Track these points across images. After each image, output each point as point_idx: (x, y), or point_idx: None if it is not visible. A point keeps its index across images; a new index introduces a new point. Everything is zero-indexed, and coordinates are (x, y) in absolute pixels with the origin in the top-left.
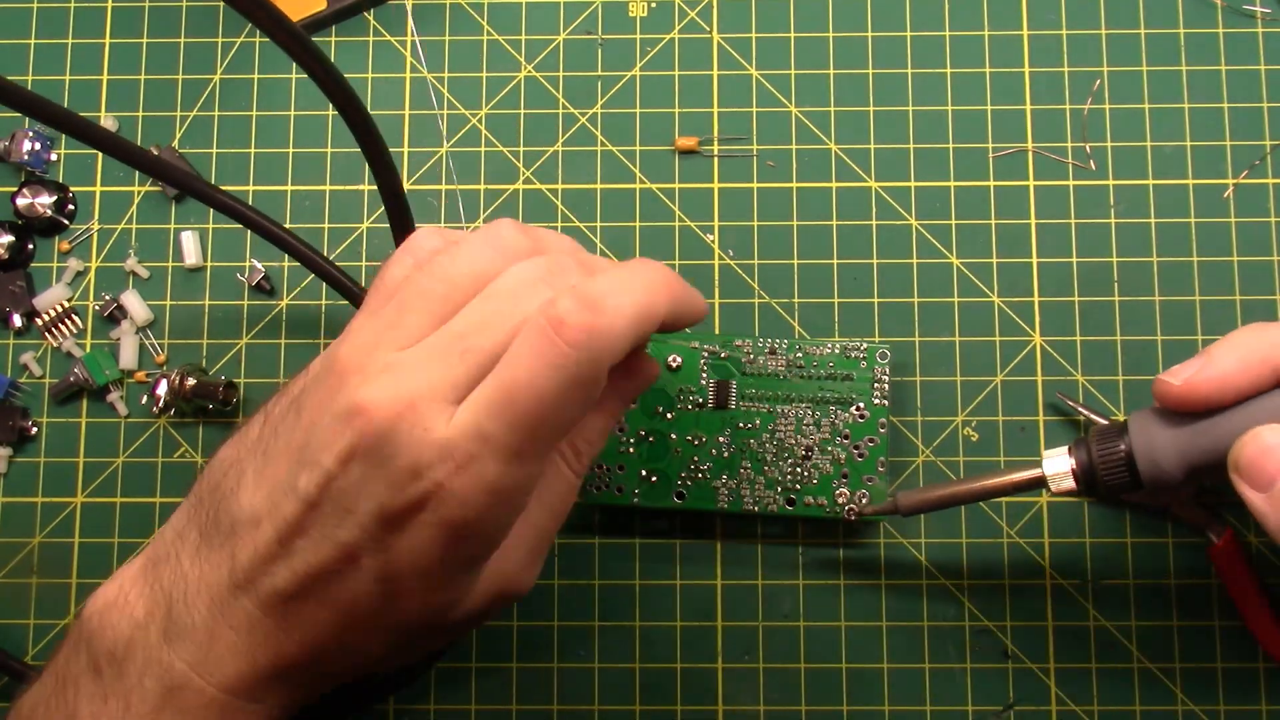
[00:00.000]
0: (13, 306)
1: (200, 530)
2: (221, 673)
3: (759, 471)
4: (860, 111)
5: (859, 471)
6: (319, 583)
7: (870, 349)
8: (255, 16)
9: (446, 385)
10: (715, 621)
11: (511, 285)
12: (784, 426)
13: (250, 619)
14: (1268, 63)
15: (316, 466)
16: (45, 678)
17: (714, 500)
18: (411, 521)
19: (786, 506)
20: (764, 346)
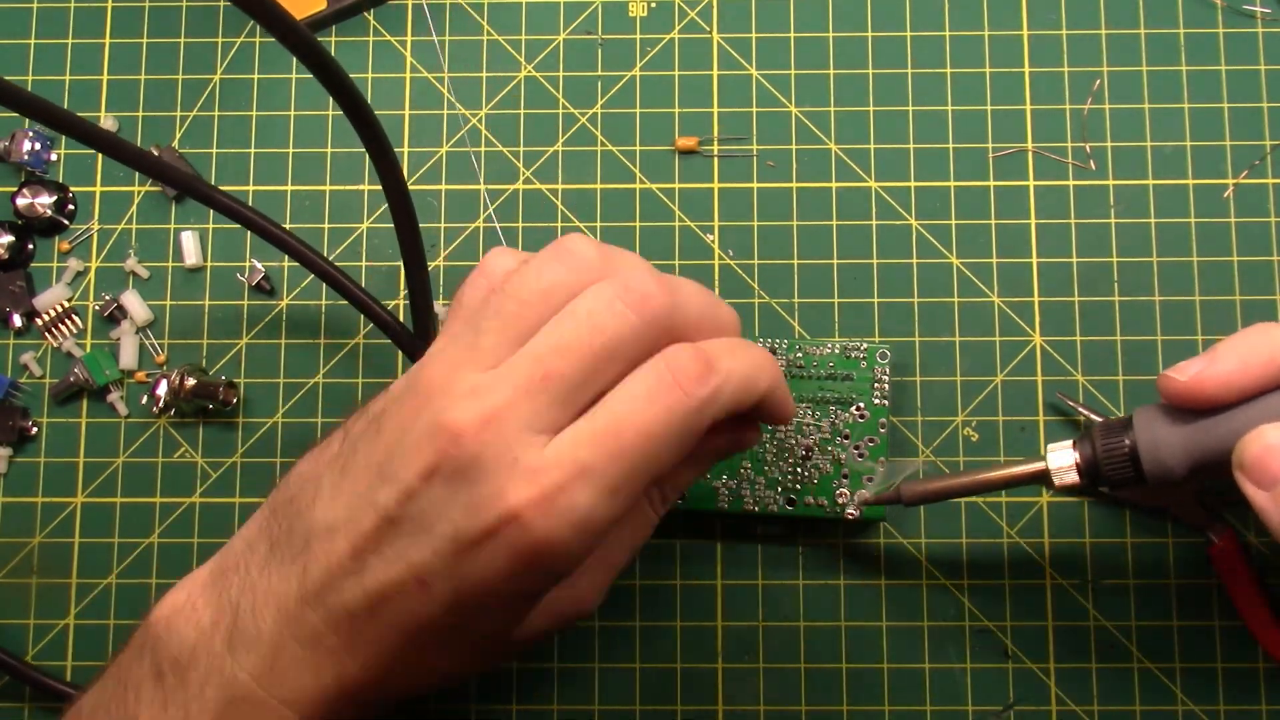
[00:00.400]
0: (13, 306)
1: (272, 542)
2: (283, 686)
3: (759, 471)
4: (860, 111)
5: (859, 471)
6: (387, 602)
7: (870, 349)
8: (258, 16)
9: (531, 411)
10: (715, 621)
11: (588, 306)
12: (784, 426)
13: (316, 634)
14: (1268, 63)
15: (397, 482)
16: (106, 680)
17: (714, 500)
18: (486, 546)
19: (786, 506)
20: (764, 346)
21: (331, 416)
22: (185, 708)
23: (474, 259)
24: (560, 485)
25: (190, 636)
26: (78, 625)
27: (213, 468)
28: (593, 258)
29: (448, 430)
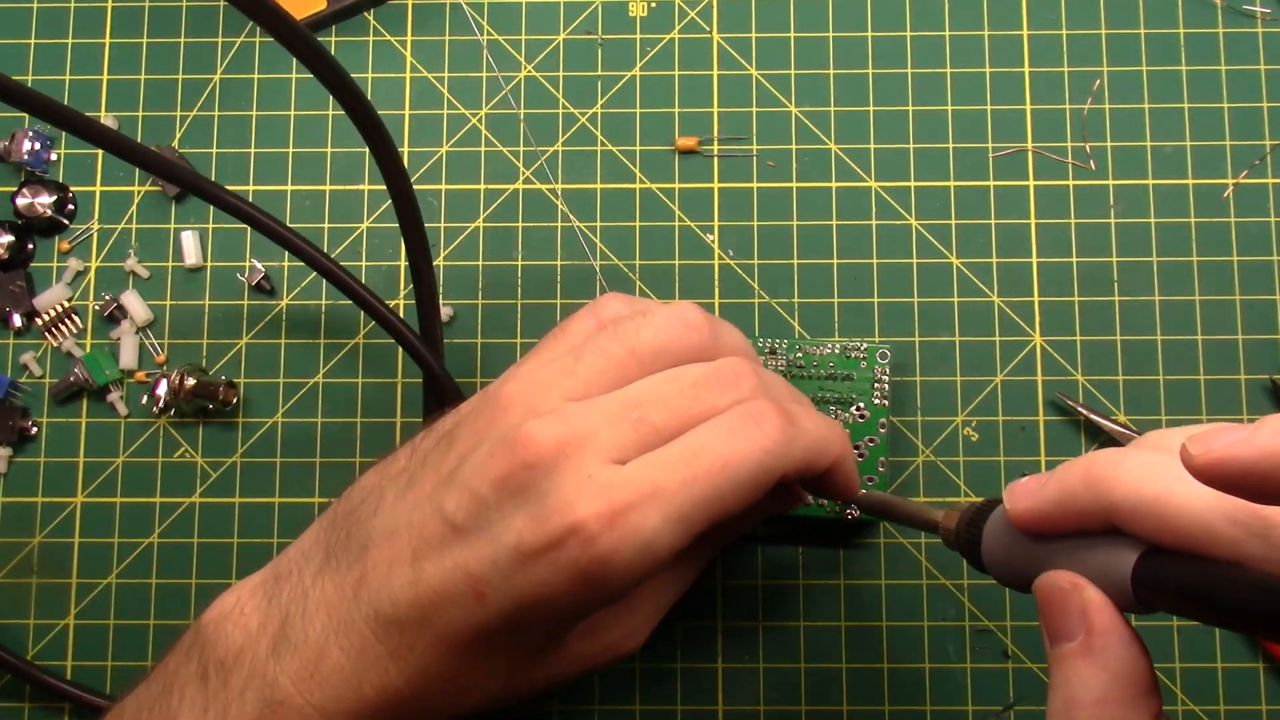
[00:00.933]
0: (13, 306)
1: (328, 551)
2: (323, 694)
3: None
4: (860, 111)
5: (859, 471)
6: (439, 609)
7: (870, 349)
8: (259, 17)
9: (615, 443)
10: (715, 621)
11: (697, 377)
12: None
13: (363, 642)
14: (1268, 63)
15: (466, 489)
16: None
17: None
18: (547, 557)
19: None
20: (764, 346)
21: (331, 416)
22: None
23: (474, 259)
24: (631, 503)
25: (238, 640)
26: (78, 625)
27: (213, 468)
28: (706, 334)
29: (526, 442)
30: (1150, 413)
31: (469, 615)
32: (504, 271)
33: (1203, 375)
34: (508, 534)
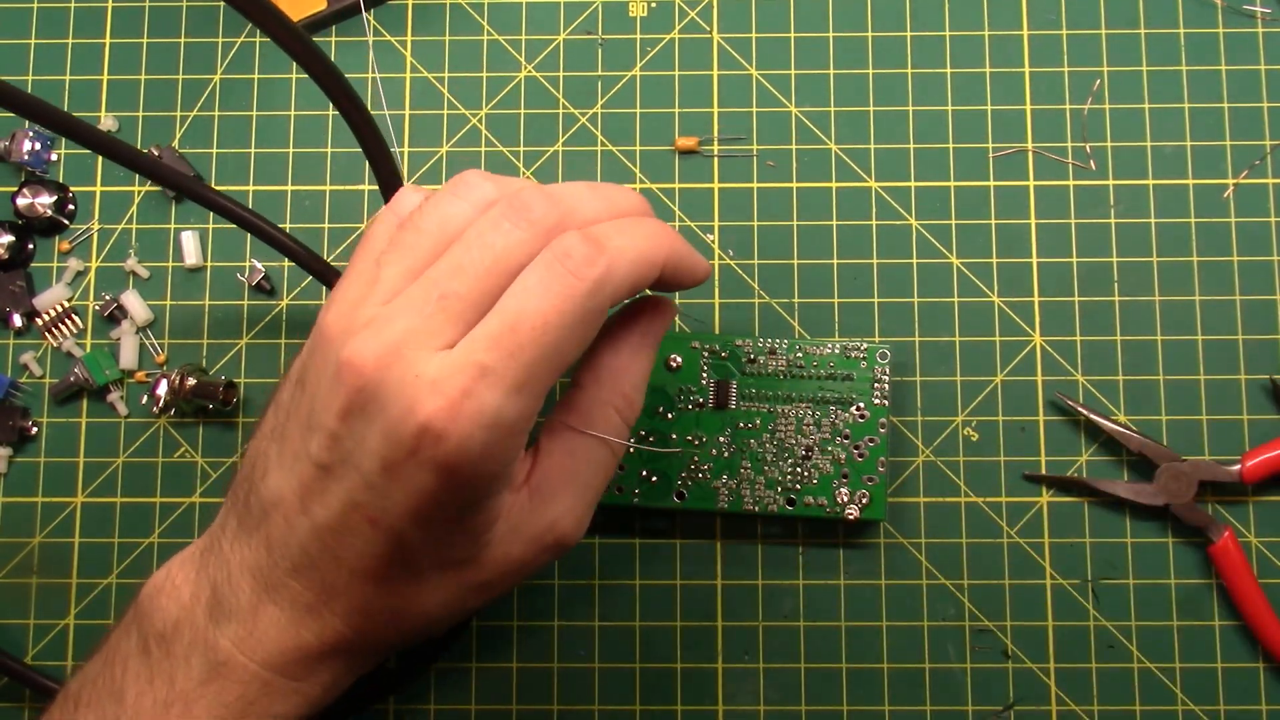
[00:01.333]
0: (13, 306)
1: (238, 518)
2: (264, 650)
3: (759, 471)
4: (860, 111)
5: (859, 471)
6: (341, 543)
7: (870, 349)
8: (255, 17)
9: (428, 331)
10: (715, 621)
11: (478, 229)
12: (784, 426)
13: (292, 594)
14: (1268, 63)
15: (321, 429)
16: (96, 658)
17: (714, 500)
18: (410, 465)
19: (786, 506)
20: (764, 346)
21: None
22: (170, 676)
23: None
24: (465, 390)
25: (173, 611)
26: (78, 625)
27: (213, 468)
28: (489, 189)
29: (351, 367)
30: (1150, 413)
31: (371, 543)
32: None
33: (1203, 375)
34: (369, 459)
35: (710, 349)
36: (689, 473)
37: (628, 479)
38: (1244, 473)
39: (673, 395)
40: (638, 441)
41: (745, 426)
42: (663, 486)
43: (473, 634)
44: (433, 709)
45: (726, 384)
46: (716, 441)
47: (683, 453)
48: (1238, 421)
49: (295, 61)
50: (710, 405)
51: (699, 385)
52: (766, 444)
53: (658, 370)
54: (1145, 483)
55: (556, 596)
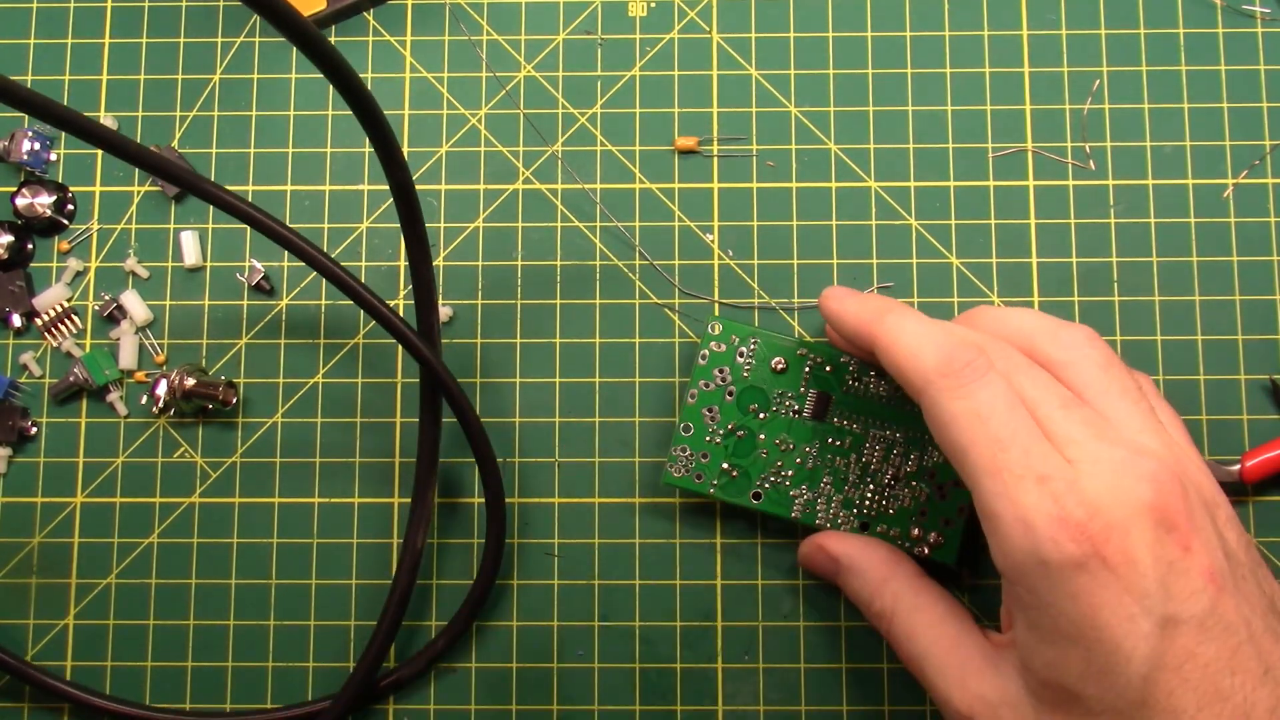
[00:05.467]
0: (12, 306)
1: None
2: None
3: (839, 490)
4: (860, 111)
5: (938, 512)
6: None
7: None
8: (266, 14)
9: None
10: (715, 621)
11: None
12: (873, 452)
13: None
14: (1268, 63)
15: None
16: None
17: (789, 508)
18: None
19: (860, 530)
20: (870, 368)
21: (331, 416)
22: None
23: (474, 259)
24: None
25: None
26: (78, 625)
27: (212, 468)
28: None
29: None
30: None
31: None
32: (504, 271)
33: (1203, 375)
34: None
35: (815, 359)
36: (769, 475)
37: (709, 468)
38: (1244, 473)
39: (770, 396)
40: (725, 435)
41: (834, 443)
42: (742, 483)
43: (472, 634)
44: (432, 709)
45: (826, 396)
46: (803, 451)
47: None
48: (1238, 421)
49: (315, 64)
50: (807, 415)
51: (798, 392)
52: (852, 464)
53: (762, 369)
54: None
55: (556, 596)
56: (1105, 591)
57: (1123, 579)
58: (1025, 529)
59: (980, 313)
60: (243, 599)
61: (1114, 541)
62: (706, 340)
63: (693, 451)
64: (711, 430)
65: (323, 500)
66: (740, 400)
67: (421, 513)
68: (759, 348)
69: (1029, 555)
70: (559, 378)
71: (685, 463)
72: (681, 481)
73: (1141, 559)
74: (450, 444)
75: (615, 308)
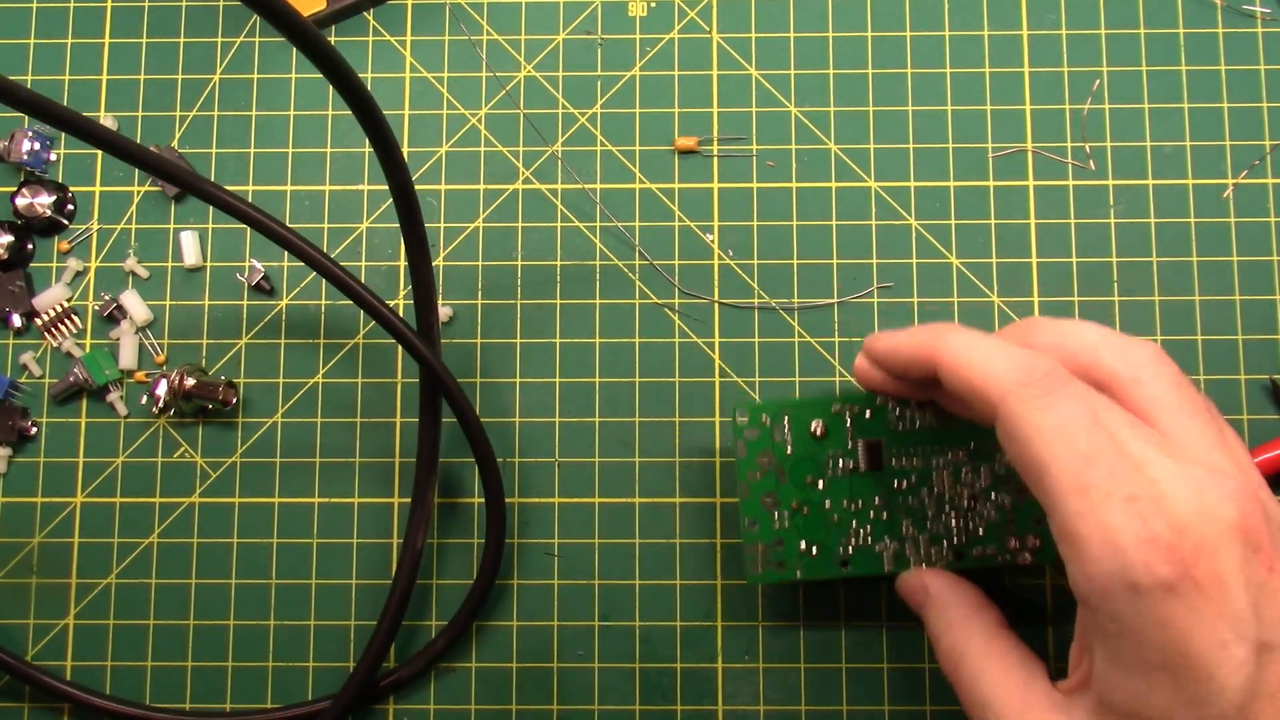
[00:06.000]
0: (12, 306)
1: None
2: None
3: (922, 529)
4: (860, 111)
5: (1026, 515)
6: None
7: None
8: (266, 14)
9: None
10: (715, 621)
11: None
12: (942, 480)
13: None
14: (1268, 63)
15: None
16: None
17: (881, 564)
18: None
19: (955, 561)
20: (908, 403)
21: (331, 416)
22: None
23: (474, 259)
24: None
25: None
26: (77, 625)
27: (212, 468)
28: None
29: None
30: None
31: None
32: (504, 271)
33: (1203, 375)
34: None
35: (852, 411)
36: (848, 538)
37: (788, 554)
38: None
39: (821, 463)
40: (790, 516)
41: (901, 485)
42: (824, 557)
43: (472, 634)
44: (432, 709)
45: (877, 443)
46: (874, 504)
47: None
48: (1238, 421)
49: (314, 63)
50: (863, 468)
51: (847, 449)
52: (926, 500)
53: (803, 438)
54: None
55: (556, 596)
56: (1196, 616)
57: (1214, 603)
58: (1114, 551)
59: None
60: (243, 599)
61: (1204, 563)
62: (739, 431)
63: (766, 544)
64: (778, 516)
65: (323, 500)
66: (793, 476)
67: (421, 513)
68: (792, 419)
69: (1116, 579)
70: (559, 378)
71: (764, 556)
72: (766, 577)
73: (1232, 581)
74: (450, 444)
75: (615, 308)
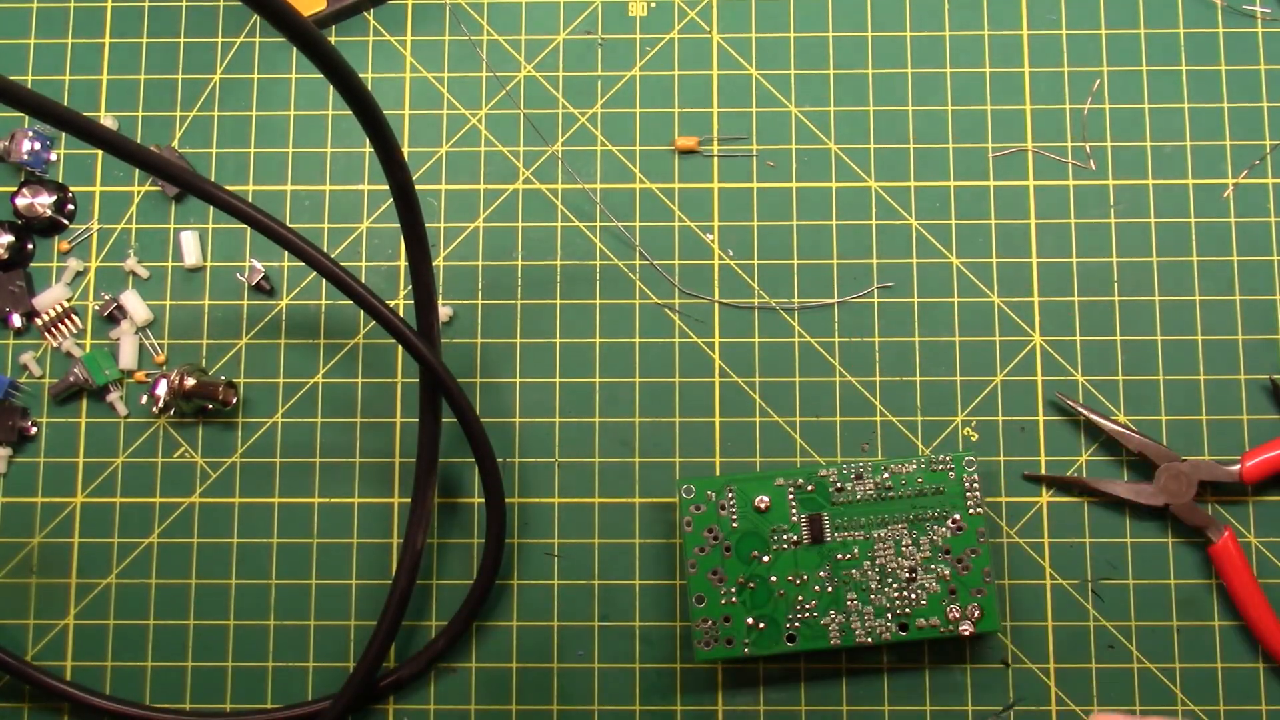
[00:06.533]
0: (12, 306)
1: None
2: None
3: (866, 601)
4: (860, 111)
5: (967, 586)
6: None
7: (956, 458)
8: (266, 14)
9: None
10: None
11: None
12: (884, 551)
13: None
14: (1268, 63)
15: None
16: None
17: (826, 638)
18: None
19: (900, 633)
20: (849, 472)
21: (331, 416)
22: None
23: (474, 259)
24: None
25: None
26: (77, 625)
27: (212, 468)
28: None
29: None
30: (1150, 413)
31: None
32: (504, 271)
33: (1203, 375)
34: None
35: (795, 484)
36: (795, 613)
37: (735, 630)
38: (1244, 473)
39: (765, 537)
40: (737, 591)
41: (844, 558)
42: (772, 631)
43: (472, 634)
44: (432, 709)
45: (818, 517)
46: (818, 577)
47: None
48: (1237, 421)
49: (315, 64)
50: (806, 541)
51: (790, 523)
52: (869, 572)
53: (747, 514)
54: (1145, 483)
55: (556, 596)
56: None
57: None
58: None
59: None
60: (243, 599)
61: None
62: (684, 507)
63: (714, 620)
64: (725, 592)
65: (323, 500)
66: (739, 551)
67: (421, 513)
68: (737, 494)
69: None
70: (559, 378)
71: (711, 634)
72: (715, 654)
73: None
74: (450, 444)
75: (615, 308)
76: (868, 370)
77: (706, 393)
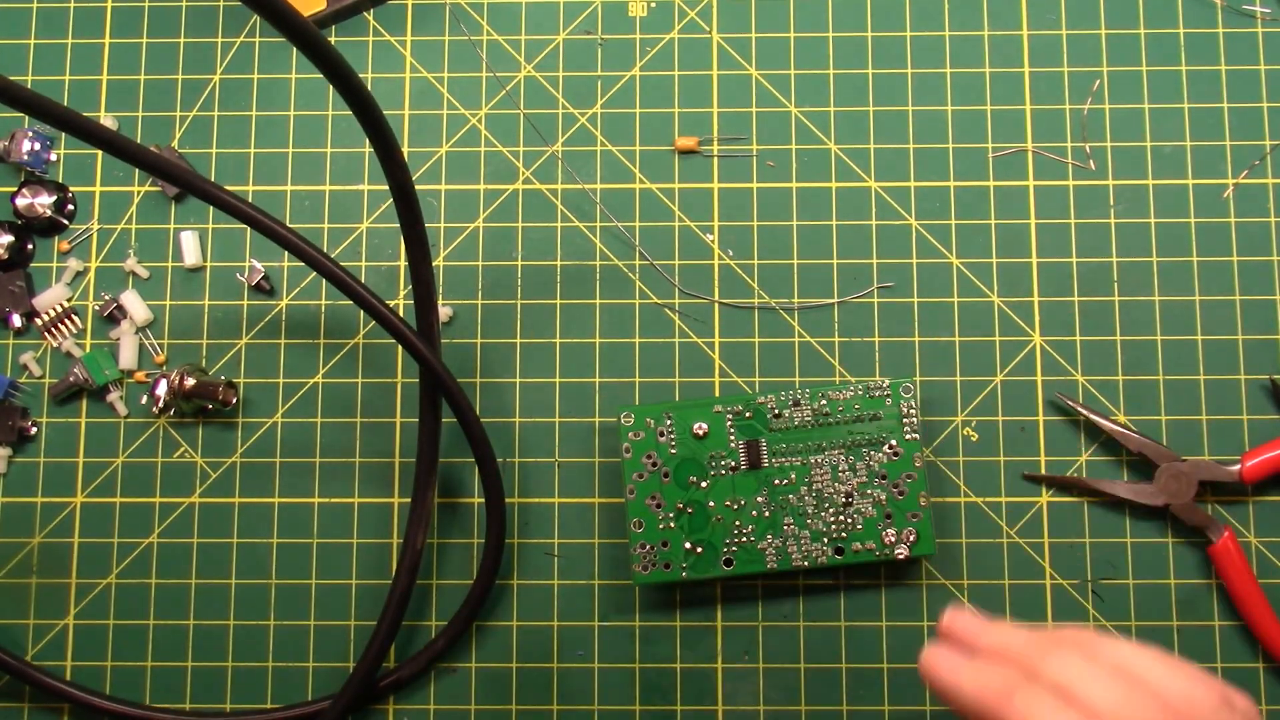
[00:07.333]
0: (12, 306)
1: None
2: None
3: (802, 525)
4: (860, 111)
5: (902, 510)
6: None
7: (894, 384)
8: (266, 14)
9: None
10: (715, 621)
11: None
12: (820, 477)
13: None
14: (1268, 63)
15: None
16: None
17: (762, 561)
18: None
19: (835, 556)
20: (787, 399)
21: (331, 416)
22: None
23: (474, 259)
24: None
25: None
26: (78, 625)
27: (212, 468)
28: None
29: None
30: (1150, 413)
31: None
32: (504, 271)
33: (1203, 375)
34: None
35: (734, 410)
36: (732, 538)
37: (673, 554)
38: (1244, 473)
39: (704, 463)
40: (675, 516)
41: (781, 483)
42: (709, 556)
43: (472, 634)
44: (432, 709)
45: (756, 443)
46: (755, 502)
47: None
48: (1237, 421)
49: (315, 64)
50: (743, 467)
51: (729, 449)
52: (805, 497)
53: (686, 440)
54: (1145, 483)
55: (556, 597)
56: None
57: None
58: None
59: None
60: (243, 599)
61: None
62: (624, 433)
63: (651, 545)
64: (662, 517)
65: (323, 500)
66: (677, 477)
67: (421, 513)
68: (675, 421)
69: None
70: (559, 378)
71: (648, 558)
72: (652, 577)
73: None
74: (450, 444)
75: (615, 308)
76: (868, 370)
77: (706, 393)
